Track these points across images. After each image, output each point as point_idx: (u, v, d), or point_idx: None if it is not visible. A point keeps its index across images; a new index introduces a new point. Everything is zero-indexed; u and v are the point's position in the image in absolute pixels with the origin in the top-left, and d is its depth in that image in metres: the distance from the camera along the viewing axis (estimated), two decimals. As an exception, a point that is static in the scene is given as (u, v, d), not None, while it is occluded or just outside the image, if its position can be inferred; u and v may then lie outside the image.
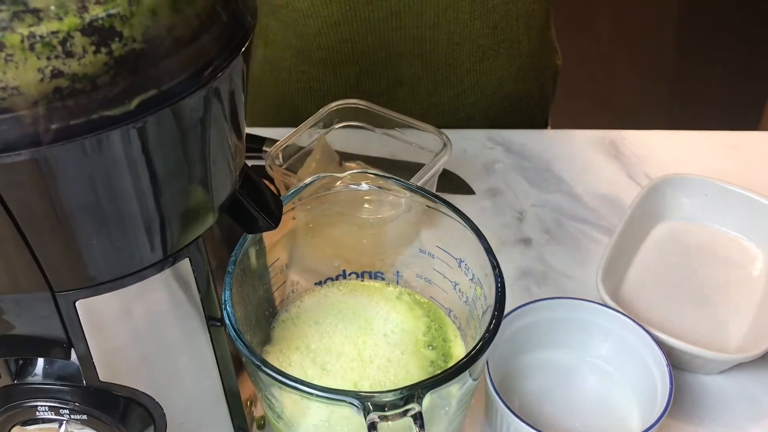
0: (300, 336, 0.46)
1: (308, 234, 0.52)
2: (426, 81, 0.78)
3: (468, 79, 0.78)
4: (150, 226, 0.32)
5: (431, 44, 0.74)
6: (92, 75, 0.26)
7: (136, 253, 0.33)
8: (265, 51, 0.79)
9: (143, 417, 0.38)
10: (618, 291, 0.58)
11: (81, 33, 0.26)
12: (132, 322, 0.35)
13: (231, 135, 0.34)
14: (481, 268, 0.44)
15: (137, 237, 0.32)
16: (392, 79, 0.77)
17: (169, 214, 0.33)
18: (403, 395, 0.35)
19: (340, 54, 0.75)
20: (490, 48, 0.77)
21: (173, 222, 0.33)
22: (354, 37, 0.73)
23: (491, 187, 0.68)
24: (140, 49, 0.27)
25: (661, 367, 0.48)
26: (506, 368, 0.52)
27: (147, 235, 0.32)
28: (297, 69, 0.79)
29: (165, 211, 0.32)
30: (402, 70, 0.76)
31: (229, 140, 0.34)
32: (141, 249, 0.33)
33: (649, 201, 0.62)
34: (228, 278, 0.41)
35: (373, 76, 0.77)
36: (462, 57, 0.76)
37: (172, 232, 0.33)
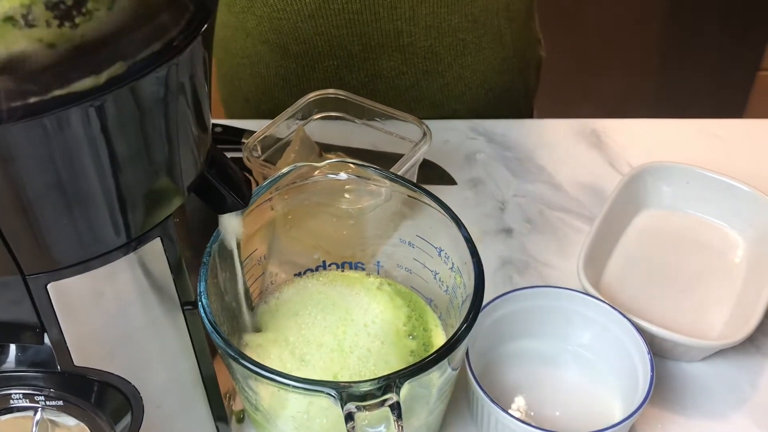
0: (278, 327, 0.45)
1: (287, 225, 0.51)
2: (407, 75, 0.77)
3: (450, 73, 0.78)
4: (118, 205, 0.32)
5: (409, 38, 0.73)
6: (54, 49, 0.26)
7: (105, 234, 0.32)
8: (245, 44, 0.79)
9: (119, 401, 0.38)
10: (599, 279, 0.58)
11: (44, 6, 0.25)
12: (106, 304, 0.35)
13: (195, 114, 0.34)
14: (461, 257, 0.44)
15: (105, 217, 0.32)
16: (371, 72, 0.76)
17: (137, 194, 0.32)
18: (381, 385, 0.35)
19: (317, 47, 0.74)
20: (471, 42, 0.76)
21: (141, 201, 0.33)
22: (329, 30, 0.72)
23: (473, 178, 0.68)
24: (104, 24, 0.27)
25: (642, 354, 0.48)
26: (487, 358, 0.52)
27: (115, 215, 0.32)
28: (275, 63, 0.78)
29: (132, 191, 0.32)
30: (381, 63, 0.75)
31: (194, 119, 0.34)
32: (110, 229, 0.32)
33: (630, 189, 0.62)
34: (203, 269, 0.40)
35: (352, 69, 0.76)
36: (442, 51, 0.75)
37: (140, 211, 0.33)
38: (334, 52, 0.74)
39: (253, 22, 0.75)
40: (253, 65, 0.80)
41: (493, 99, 0.82)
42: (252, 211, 0.45)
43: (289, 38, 0.74)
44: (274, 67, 0.78)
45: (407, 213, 0.48)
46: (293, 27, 0.73)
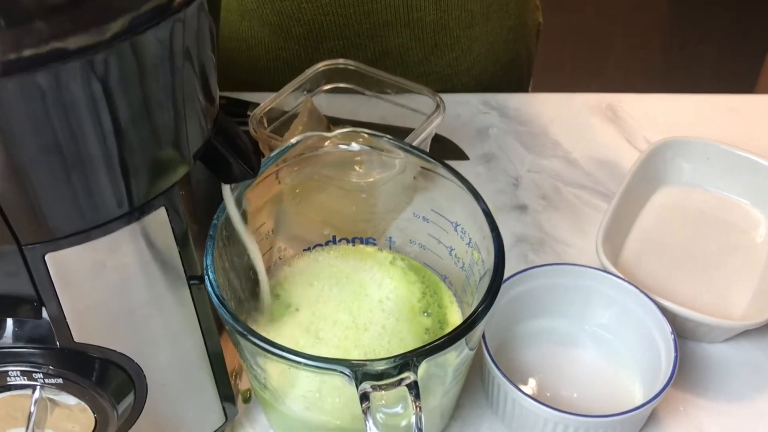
0: (291, 302, 0.44)
1: (295, 199, 0.49)
2: (416, 50, 0.75)
3: (459, 45, 0.75)
4: (119, 171, 0.30)
5: (418, 12, 0.71)
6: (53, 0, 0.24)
7: (106, 202, 0.30)
8: (240, 27, 0.76)
9: (122, 379, 0.36)
10: (617, 258, 0.56)
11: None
12: (107, 277, 0.33)
13: (201, 77, 0.32)
14: (479, 232, 0.42)
15: (106, 184, 0.30)
16: (378, 50, 0.74)
17: (139, 159, 0.30)
18: (397, 364, 0.33)
19: (322, 28, 0.72)
20: (479, 12, 0.74)
21: (144, 167, 0.31)
22: (336, 9, 0.70)
23: (486, 153, 0.66)
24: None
25: (665, 335, 0.46)
26: (502, 337, 0.50)
27: (116, 182, 0.30)
28: (276, 46, 0.75)
29: (134, 156, 0.30)
30: (389, 40, 0.73)
31: (200, 82, 0.32)
32: (111, 197, 0.30)
33: (649, 165, 0.60)
34: (210, 242, 0.38)
35: (359, 48, 0.74)
36: (451, 24, 0.73)
37: (143, 178, 0.31)
38: (340, 32, 0.72)
39: (254, 3, 0.73)
40: (250, 49, 0.77)
41: (500, 70, 0.80)
42: (258, 184, 0.43)
43: (292, 20, 0.72)
44: (275, 50, 0.76)
45: (421, 186, 0.46)
46: (297, 8, 0.71)
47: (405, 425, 0.32)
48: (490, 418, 0.47)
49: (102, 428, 0.36)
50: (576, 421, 0.43)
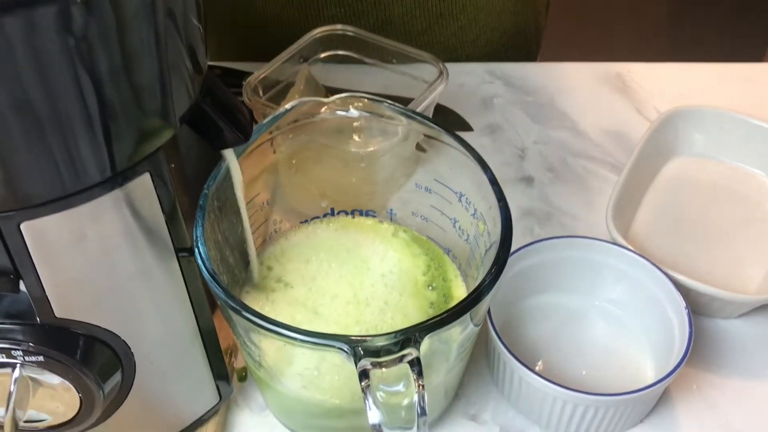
0: (287, 276, 0.42)
1: (291, 170, 0.47)
2: (420, 19, 0.72)
3: (464, 14, 0.73)
4: (98, 132, 0.27)
5: None
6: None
7: (85, 165, 0.28)
8: None
9: (108, 357, 0.34)
10: (627, 231, 0.54)
11: None
12: (89, 248, 0.31)
13: (187, 33, 0.30)
14: (485, 202, 0.40)
15: (85, 145, 0.27)
16: (381, 18, 0.71)
17: (120, 119, 0.28)
18: (398, 339, 0.31)
19: None
20: None
21: (125, 128, 0.29)
22: None
23: (490, 123, 0.63)
24: None
25: (679, 310, 0.44)
26: (508, 313, 0.48)
27: (96, 143, 0.28)
28: (274, 13, 0.73)
29: (114, 114, 0.28)
30: (392, 7, 0.71)
31: (185, 38, 0.30)
32: (90, 160, 0.28)
33: (660, 135, 0.58)
34: (200, 213, 0.36)
35: (361, 16, 0.71)
36: None
37: (125, 140, 0.29)
38: None
39: None
40: (247, 15, 0.75)
41: (507, 42, 0.77)
42: (252, 152, 0.41)
43: None
44: (273, 17, 0.73)
45: (424, 155, 0.44)
46: None
47: (407, 404, 0.31)
48: (495, 396, 0.46)
49: (88, 408, 0.34)
50: (586, 400, 0.41)
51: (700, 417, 0.45)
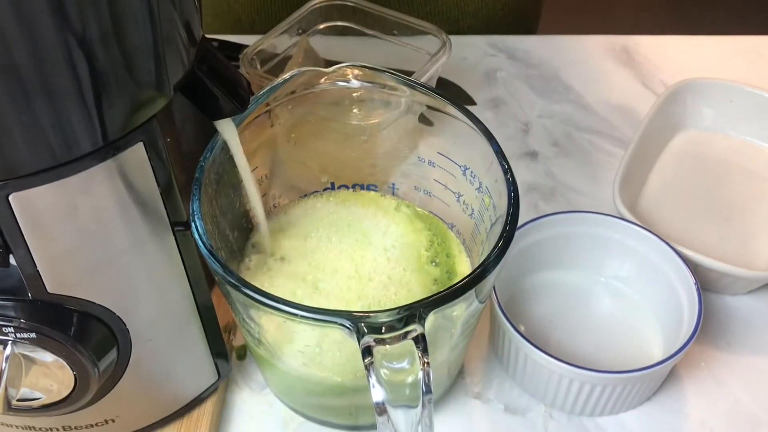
0: (286, 252, 0.40)
1: (290, 144, 0.46)
2: None
3: None
4: (89, 98, 0.26)
5: None
6: None
7: (76, 134, 0.27)
8: None
9: (103, 334, 0.33)
10: (634, 206, 0.53)
11: None
12: (81, 221, 0.30)
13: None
14: (490, 175, 0.38)
15: (75, 112, 0.26)
16: None
17: (111, 85, 0.27)
18: (403, 315, 0.30)
19: None
20: None
21: (117, 95, 0.27)
22: None
23: (493, 97, 0.62)
24: None
25: (688, 286, 0.43)
26: (513, 290, 0.47)
27: (86, 111, 0.27)
28: None
29: (105, 80, 0.26)
30: None
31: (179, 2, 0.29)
32: (81, 128, 0.27)
33: (668, 108, 0.56)
34: (196, 186, 0.35)
35: None
36: None
37: (117, 108, 0.28)
38: None
39: None
40: None
41: (509, 14, 0.76)
42: (249, 125, 0.39)
43: None
44: None
45: (427, 128, 0.43)
46: None
47: (411, 381, 0.30)
48: (499, 374, 0.45)
49: (83, 386, 0.33)
50: (592, 378, 0.40)
51: (708, 394, 0.44)
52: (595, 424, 0.43)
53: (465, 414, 0.43)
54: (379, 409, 0.30)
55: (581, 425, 0.42)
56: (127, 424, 0.38)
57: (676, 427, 0.42)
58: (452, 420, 0.43)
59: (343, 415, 0.42)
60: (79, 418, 0.36)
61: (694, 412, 0.43)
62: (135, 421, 0.38)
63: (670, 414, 0.43)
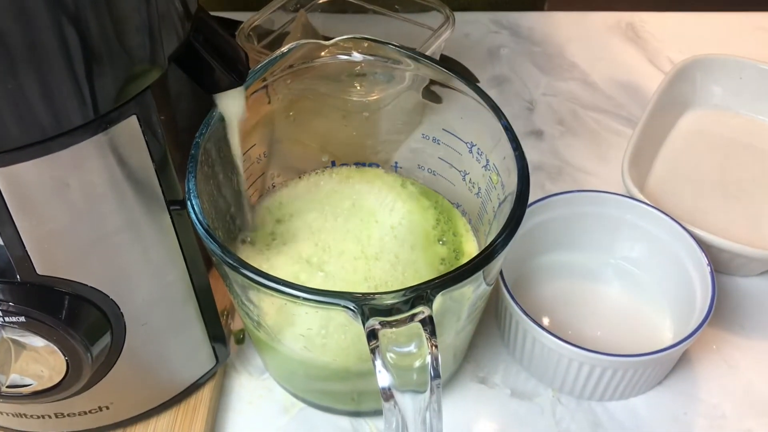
0: (289, 232, 0.39)
1: (288, 122, 0.44)
2: None
3: None
4: (79, 68, 0.25)
5: None
6: None
7: (65, 106, 0.25)
8: None
9: (96, 317, 0.32)
10: (643, 186, 0.51)
11: None
12: (71, 199, 0.28)
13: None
14: (498, 152, 0.37)
15: (64, 83, 0.25)
16: None
17: (102, 54, 0.25)
18: (409, 297, 0.29)
19: None
20: None
21: (108, 65, 0.26)
22: None
23: (497, 75, 0.60)
24: None
25: (701, 268, 0.42)
26: (519, 272, 0.46)
27: (76, 81, 0.25)
28: None
29: (96, 50, 0.25)
30: None
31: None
32: (71, 100, 0.25)
33: (676, 86, 0.55)
34: (192, 163, 0.33)
35: None
36: None
37: (108, 79, 0.26)
38: None
39: None
40: None
41: None
42: (247, 99, 0.38)
43: None
44: None
45: (431, 104, 0.41)
46: None
47: (419, 366, 0.28)
48: (506, 359, 0.43)
49: (75, 372, 0.32)
50: (602, 361, 0.39)
51: (720, 378, 0.43)
52: (605, 408, 0.41)
53: (470, 399, 0.42)
54: (386, 395, 0.28)
55: (590, 410, 0.41)
56: (122, 411, 0.37)
57: (688, 411, 0.41)
58: (457, 405, 0.42)
59: (345, 401, 0.40)
60: (72, 405, 0.35)
61: (706, 397, 0.42)
62: (130, 408, 0.37)
63: (682, 398, 0.42)
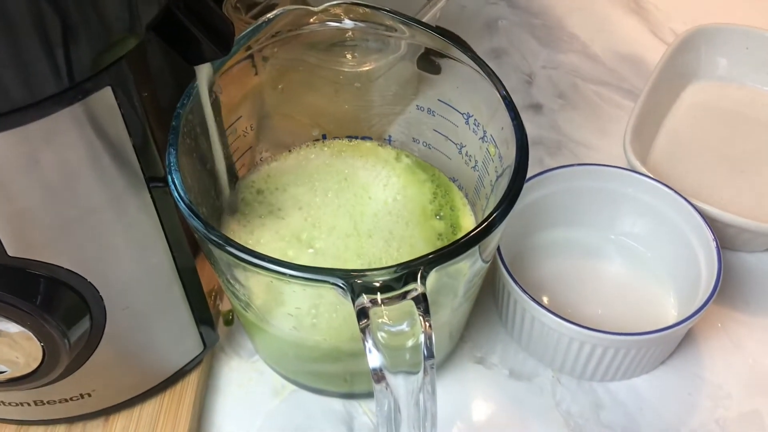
0: (277, 207, 0.37)
1: (277, 95, 0.42)
2: None
3: None
4: (48, 33, 0.23)
5: None
6: None
7: (35, 73, 0.24)
8: None
9: (73, 301, 0.30)
10: (645, 160, 0.50)
11: None
12: (44, 175, 0.26)
13: None
14: (496, 122, 0.35)
15: (33, 48, 0.23)
16: None
17: (74, 19, 0.23)
18: (401, 274, 0.27)
19: None
20: None
21: (81, 32, 0.24)
22: None
23: (495, 48, 0.59)
24: None
25: (707, 243, 0.40)
26: (517, 249, 0.44)
27: (47, 48, 0.23)
28: None
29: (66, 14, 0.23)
30: None
31: None
32: (40, 67, 0.24)
33: (679, 57, 0.53)
34: (173, 136, 0.32)
35: None
36: None
37: (81, 46, 0.24)
38: None
39: None
40: None
41: None
42: (229, 71, 0.36)
43: None
44: None
45: (426, 75, 0.39)
46: None
47: (412, 345, 0.27)
48: (504, 338, 0.42)
49: (52, 359, 0.30)
50: (604, 340, 0.37)
51: (725, 357, 0.41)
52: (606, 389, 0.40)
53: (467, 380, 0.41)
54: (377, 376, 0.27)
55: (591, 391, 0.40)
56: (105, 398, 0.35)
57: (692, 391, 0.40)
58: (453, 386, 0.40)
59: (338, 382, 0.39)
60: (52, 393, 0.34)
61: (711, 376, 0.41)
62: (113, 396, 0.36)
63: (686, 378, 0.41)
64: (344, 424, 0.38)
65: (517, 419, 0.39)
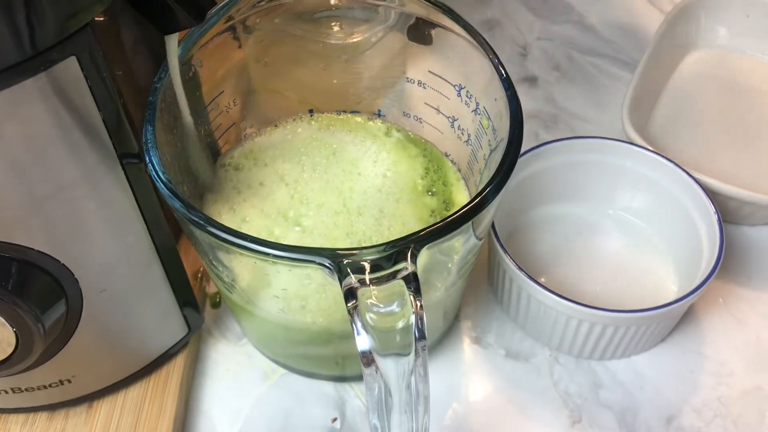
0: (262, 184, 0.36)
1: (261, 69, 0.41)
2: None
3: None
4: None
5: None
6: None
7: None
8: None
9: (46, 285, 0.29)
10: (644, 133, 0.48)
11: None
12: (9, 151, 0.25)
13: None
14: (489, 93, 0.34)
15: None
16: None
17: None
18: (390, 252, 0.26)
19: None
20: None
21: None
22: None
23: (488, 19, 0.57)
24: None
25: (708, 217, 0.39)
26: (513, 225, 0.43)
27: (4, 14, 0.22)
28: None
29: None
30: None
31: None
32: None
33: (678, 26, 0.52)
34: (150, 111, 0.30)
35: None
36: None
37: (43, 12, 0.23)
38: None
39: None
40: None
41: None
42: (208, 43, 0.34)
43: None
44: None
45: (416, 45, 0.38)
46: None
47: (402, 327, 0.26)
48: (499, 317, 0.41)
49: (26, 345, 0.29)
50: (603, 317, 0.36)
51: (727, 333, 0.40)
52: (605, 368, 0.39)
53: (462, 360, 0.39)
54: (366, 359, 0.26)
55: (590, 370, 0.39)
56: (86, 384, 0.34)
57: (693, 369, 0.39)
58: (448, 367, 0.39)
59: (329, 365, 0.38)
60: (30, 379, 0.32)
61: (713, 353, 0.40)
62: (95, 381, 0.34)
63: (687, 355, 0.39)
64: (336, 408, 0.37)
65: (515, 400, 0.38)
